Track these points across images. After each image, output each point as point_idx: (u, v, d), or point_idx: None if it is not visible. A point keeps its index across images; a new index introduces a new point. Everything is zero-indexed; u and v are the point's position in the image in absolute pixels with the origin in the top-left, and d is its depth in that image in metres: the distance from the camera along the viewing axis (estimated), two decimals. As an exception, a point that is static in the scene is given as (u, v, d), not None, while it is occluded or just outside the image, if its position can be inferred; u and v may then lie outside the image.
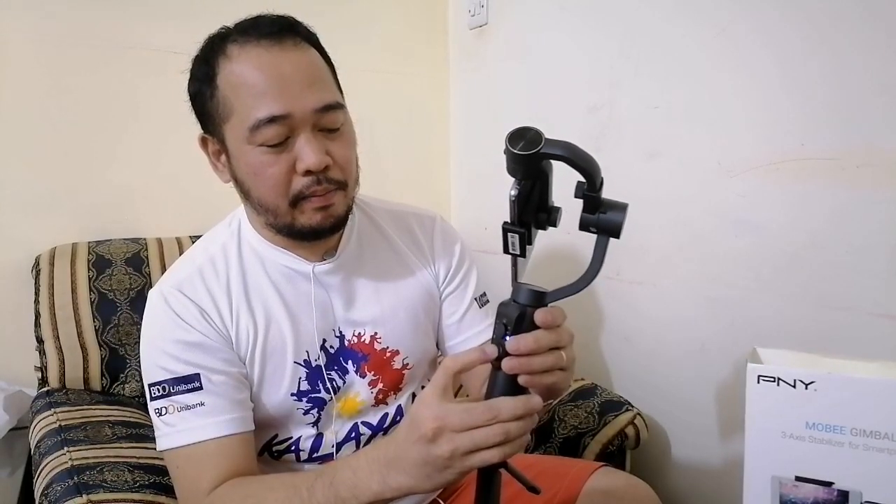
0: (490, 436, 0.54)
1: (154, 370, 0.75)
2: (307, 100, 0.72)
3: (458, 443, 0.54)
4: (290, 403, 0.81)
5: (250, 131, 0.71)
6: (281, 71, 0.71)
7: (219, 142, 0.77)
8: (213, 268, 0.80)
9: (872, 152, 0.90)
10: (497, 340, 0.57)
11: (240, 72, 0.71)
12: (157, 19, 1.39)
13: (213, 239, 0.84)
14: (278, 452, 0.84)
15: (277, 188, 0.73)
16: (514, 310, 0.57)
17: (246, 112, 0.71)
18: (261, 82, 0.70)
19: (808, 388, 0.54)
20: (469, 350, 0.60)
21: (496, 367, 0.58)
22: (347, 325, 0.85)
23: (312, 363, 0.82)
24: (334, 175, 0.75)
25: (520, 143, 0.53)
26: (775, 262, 1.03)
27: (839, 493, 0.54)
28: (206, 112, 0.76)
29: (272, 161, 0.72)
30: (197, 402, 0.73)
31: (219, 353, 0.76)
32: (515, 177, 0.56)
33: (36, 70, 1.30)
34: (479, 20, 1.66)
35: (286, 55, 0.72)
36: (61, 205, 1.33)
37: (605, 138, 1.32)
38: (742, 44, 1.05)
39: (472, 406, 0.55)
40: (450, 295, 0.94)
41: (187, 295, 0.77)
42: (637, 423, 1.14)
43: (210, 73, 0.74)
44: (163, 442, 0.74)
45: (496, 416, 0.54)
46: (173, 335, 0.75)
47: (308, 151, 0.72)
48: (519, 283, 0.59)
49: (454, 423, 0.54)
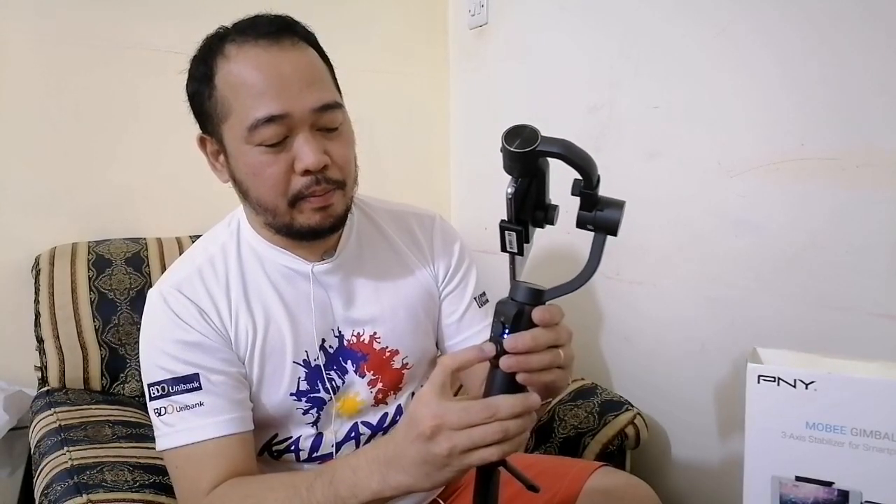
0: (488, 434, 0.54)
1: (153, 370, 0.75)
2: (306, 99, 0.71)
3: (456, 441, 0.54)
4: (289, 403, 0.81)
5: (248, 131, 0.71)
6: (279, 70, 0.71)
7: (217, 142, 0.77)
8: (213, 268, 0.80)
9: (872, 152, 0.90)
10: (495, 338, 0.57)
11: (238, 72, 0.71)
12: (157, 19, 1.39)
13: (212, 239, 0.84)
14: (278, 452, 0.84)
15: (276, 188, 0.73)
16: (512, 307, 0.57)
17: (244, 112, 0.71)
18: (259, 82, 0.70)
19: (808, 388, 0.54)
20: (467, 348, 0.60)
21: (494, 366, 0.57)
22: (347, 325, 0.85)
23: (312, 363, 0.82)
24: (333, 175, 0.75)
25: (516, 141, 0.54)
26: (775, 262, 1.03)
27: (839, 493, 0.54)
28: (205, 112, 0.76)
29: (271, 161, 0.72)
30: (196, 402, 0.73)
31: (218, 353, 0.76)
32: (512, 174, 0.56)
33: (36, 70, 1.30)
34: (479, 20, 1.66)
35: (284, 55, 0.72)
36: (61, 204, 1.33)
37: (606, 138, 1.31)
38: (742, 44, 1.05)
39: (470, 404, 0.55)
40: (449, 294, 0.94)
41: (186, 295, 0.77)
42: (637, 422, 1.14)
43: (208, 73, 0.73)
44: (162, 442, 0.74)
45: (494, 414, 0.54)
46: (172, 335, 0.75)
47: (307, 151, 0.71)
48: (517, 280, 0.59)
49: (452, 422, 0.54)
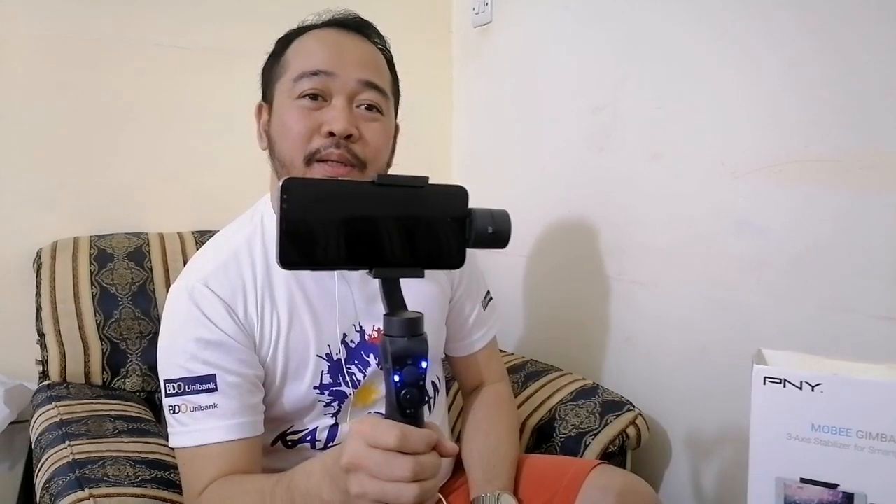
0: (402, 491, 0.49)
1: (171, 367, 0.75)
2: (353, 70, 0.78)
3: (368, 489, 0.50)
4: (312, 396, 0.82)
5: (294, 82, 0.77)
6: (340, 44, 0.80)
7: (269, 106, 0.82)
8: (237, 262, 0.80)
9: (878, 154, 0.90)
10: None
11: (307, 41, 0.81)
12: (161, 14, 1.39)
13: (234, 233, 0.84)
14: (292, 442, 0.84)
15: (298, 143, 0.76)
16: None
17: (297, 66, 0.78)
18: (319, 48, 0.79)
19: (814, 390, 0.54)
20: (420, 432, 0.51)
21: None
22: (368, 320, 0.85)
23: (334, 357, 0.83)
24: (356, 149, 0.77)
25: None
26: (778, 263, 1.03)
27: (844, 495, 0.54)
28: (268, 78, 0.83)
29: (303, 116, 0.76)
30: (210, 403, 0.73)
31: (237, 354, 0.76)
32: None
33: (38, 65, 1.30)
34: (484, 18, 1.65)
35: (352, 38, 0.81)
36: (63, 199, 1.33)
37: (609, 139, 1.31)
38: (746, 44, 1.05)
39: (394, 457, 0.49)
40: (461, 298, 0.96)
41: (213, 290, 0.77)
42: (638, 423, 1.14)
43: (285, 47, 0.82)
44: (172, 440, 0.75)
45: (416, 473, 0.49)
46: (194, 333, 0.75)
47: (335, 114, 0.76)
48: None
49: (369, 468, 0.49)
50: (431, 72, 1.78)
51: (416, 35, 1.76)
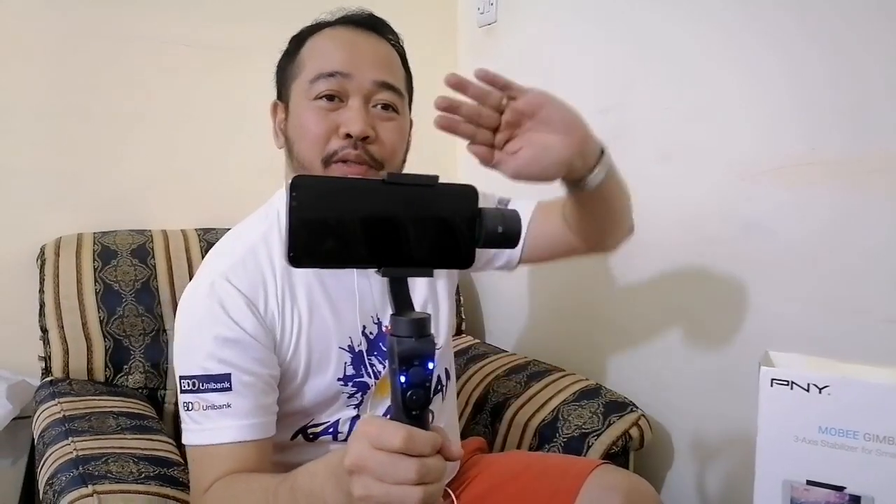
0: (407, 494, 0.48)
1: (187, 364, 0.75)
2: (369, 70, 0.79)
3: (373, 491, 0.49)
4: (336, 388, 0.82)
5: (310, 83, 0.78)
6: (355, 43, 0.80)
7: (284, 105, 0.83)
8: (256, 258, 0.80)
9: (886, 157, 0.90)
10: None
11: (321, 41, 0.81)
12: (167, 12, 1.39)
13: (250, 228, 0.84)
14: (314, 435, 0.84)
15: (316, 144, 0.77)
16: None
17: (313, 68, 0.79)
18: (335, 49, 0.80)
19: (821, 393, 0.54)
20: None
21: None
22: (385, 312, 0.86)
23: (356, 348, 0.83)
24: (373, 149, 0.78)
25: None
26: (786, 265, 1.02)
27: (851, 497, 0.54)
28: (283, 77, 0.84)
29: (320, 118, 0.77)
30: (224, 402, 0.73)
31: (254, 352, 0.76)
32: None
33: (45, 62, 1.30)
34: (489, 18, 1.65)
35: (366, 37, 0.82)
36: (67, 195, 1.33)
37: (617, 140, 1.30)
38: (753, 46, 1.05)
39: (399, 458, 0.48)
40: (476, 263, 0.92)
41: (235, 285, 0.77)
42: (641, 424, 1.14)
43: (299, 45, 0.83)
44: (185, 437, 0.76)
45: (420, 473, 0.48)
46: (212, 330, 0.74)
47: (352, 116, 0.77)
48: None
49: (373, 470, 0.48)
50: (436, 71, 1.77)
51: (421, 34, 1.75)
